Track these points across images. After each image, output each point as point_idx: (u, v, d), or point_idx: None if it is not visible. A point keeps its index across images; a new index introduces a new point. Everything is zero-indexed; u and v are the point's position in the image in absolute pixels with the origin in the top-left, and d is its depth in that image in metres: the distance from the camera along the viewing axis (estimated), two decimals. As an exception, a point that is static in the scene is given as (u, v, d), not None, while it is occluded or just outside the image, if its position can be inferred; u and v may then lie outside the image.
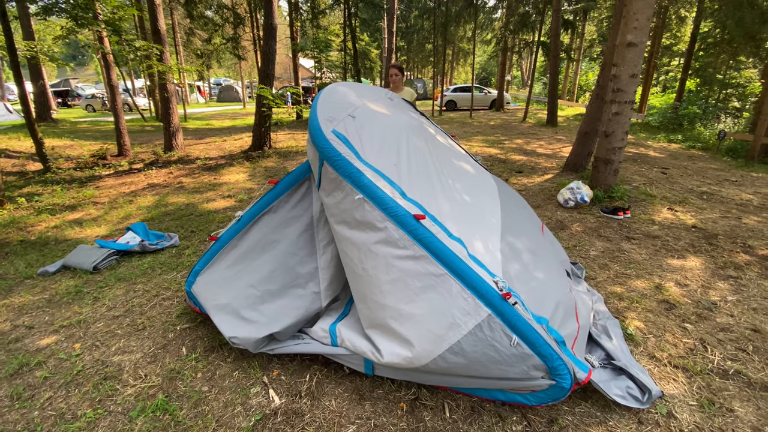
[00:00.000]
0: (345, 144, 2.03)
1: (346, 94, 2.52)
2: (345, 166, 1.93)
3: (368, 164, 1.99)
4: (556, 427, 1.79)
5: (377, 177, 1.95)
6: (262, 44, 7.12)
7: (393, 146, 2.25)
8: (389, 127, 2.45)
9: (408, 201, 1.93)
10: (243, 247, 2.31)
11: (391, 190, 1.93)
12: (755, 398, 1.94)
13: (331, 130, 2.06)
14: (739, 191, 5.73)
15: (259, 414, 1.88)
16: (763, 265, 3.35)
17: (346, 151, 1.98)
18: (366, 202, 1.88)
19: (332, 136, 2.03)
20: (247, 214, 2.35)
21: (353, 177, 1.91)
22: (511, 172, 6.45)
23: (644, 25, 4.13)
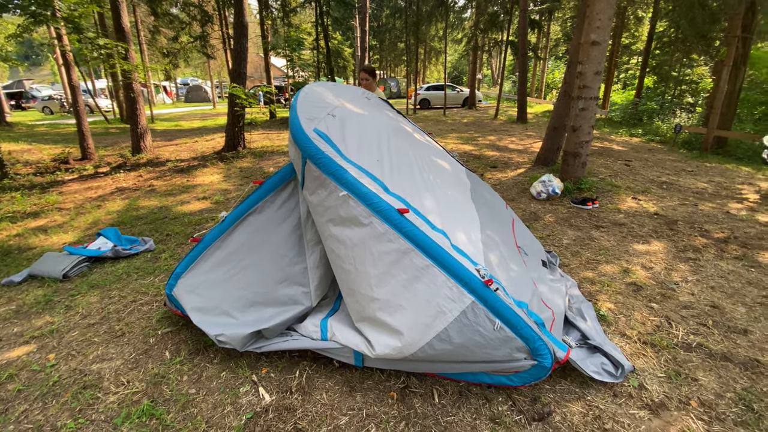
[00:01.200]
0: (327, 142, 2.06)
1: (323, 94, 2.54)
2: (328, 163, 1.95)
3: (351, 161, 2.03)
4: (539, 405, 1.88)
5: (360, 174, 1.98)
6: (233, 43, 6.98)
7: (374, 143, 2.31)
8: (369, 125, 2.51)
9: (391, 196, 1.97)
10: (228, 248, 2.29)
11: (374, 186, 1.97)
12: (716, 368, 2.11)
13: (313, 129, 2.09)
14: (695, 180, 6.13)
15: (250, 412, 1.87)
16: (719, 247, 3.62)
17: (328, 149, 2.01)
18: (351, 198, 1.91)
19: (314, 134, 2.05)
20: (232, 215, 2.33)
21: (337, 174, 1.94)
22: (485, 167, 6.63)
23: (606, 24, 4.35)
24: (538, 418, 1.82)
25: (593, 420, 1.80)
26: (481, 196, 2.90)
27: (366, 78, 4.12)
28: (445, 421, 1.81)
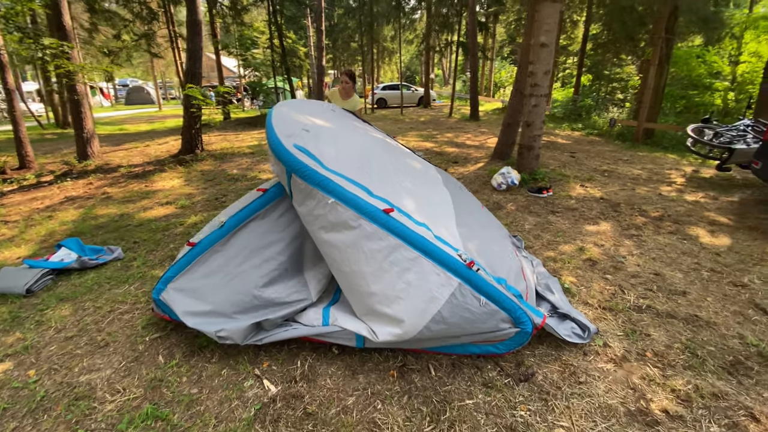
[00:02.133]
0: (308, 155, 2.19)
1: (291, 113, 2.68)
2: (313, 175, 2.08)
3: (333, 171, 2.17)
4: (523, 368, 2.11)
5: (344, 181, 2.13)
6: (187, 42, 6.72)
7: (350, 152, 2.49)
8: (341, 135, 2.72)
9: (376, 198, 2.14)
10: (228, 252, 2.30)
11: (359, 191, 2.12)
12: (664, 324, 2.47)
13: (293, 144, 2.22)
14: (631, 168, 6.85)
15: (258, 404, 1.93)
16: (656, 225, 4.13)
17: (310, 162, 2.14)
18: (338, 204, 2.05)
19: (295, 150, 2.18)
20: (233, 220, 2.34)
21: (322, 184, 2.07)
22: (447, 162, 6.94)
23: (553, 27, 4.78)
24: (524, 379, 2.04)
25: (569, 376, 2.06)
26: (453, 188, 3.14)
27: (347, 81, 4.22)
28: (443, 391, 1.98)
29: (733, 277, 3.05)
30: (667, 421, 1.78)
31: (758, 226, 4.04)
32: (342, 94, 4.28)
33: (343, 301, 2.33)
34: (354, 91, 4.35)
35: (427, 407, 1.89)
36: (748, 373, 2.06)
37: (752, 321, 2.50)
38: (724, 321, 2.50)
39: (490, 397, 1.95)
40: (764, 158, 4.69)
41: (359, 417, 1.84)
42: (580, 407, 1.87)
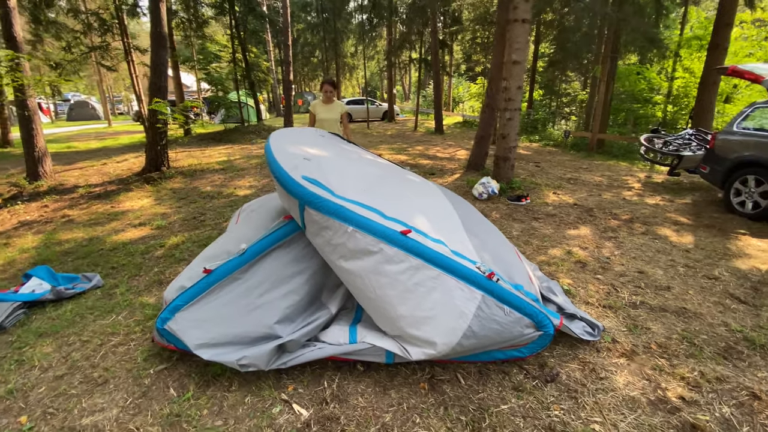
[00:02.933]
0: (318, 186, 2.19)
1: (284, 146, 2.66)
2: (327, 205, 2.07)
3: (345, 198, 2.18)
4: (547, 369, 2.19)
5: (357, 207, 2.13)
6: (152, 54, 6.40)
7: (354, 176, 2.53)
8: (340, 161, 2.76)
9: (390, 220, 2.15)
10: (250, 281, 2.19)
11: (373, 215, 2.13)
12: (659, 317, 2.67)
13: (301, 176, 2.21)
14: (592, 175, 7.39)
15: (292, 430, 1.83)
16: (628, 227, 4.48)
17: (322, 192, 2.13)
18: (357, 232, 2.03)
19: (304, 182, 2.17)
20: (256, 247, 2.25)
21: (338, 213, 2.05)
22: (426, 174, 7.10)
23: (524, 46, 5.11)
24: (551, 379, 2.12)
25: (590, 373, 2.16)
26: (454, 200, 3.23)
27: (330, 90, 4.35)
28: (477, 399, 2.00)
29: (705, 270, 3.37)
30: (685, 407, 1.91)
31: (714, 224, 4.50)
32: (325, 101, 4.45)
33: (367, 318, 2.29)
34: (335, 98, 4.52)
35: (466, 416, 1.90)
36: (741, 357, 2.27)
37: (731, 309, 2.77)
38: (708, 311, 2.75)
39: (522, 400, 1.99)
40: (711, 163, 5.27)
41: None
42: (607, 402, 1.96)
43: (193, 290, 2.17)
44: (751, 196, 4.67)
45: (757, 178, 4.59)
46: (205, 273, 2.20)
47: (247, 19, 11.32)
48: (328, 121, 4.51)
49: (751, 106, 5.03)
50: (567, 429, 1.81)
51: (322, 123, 4.52)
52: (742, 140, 4.82)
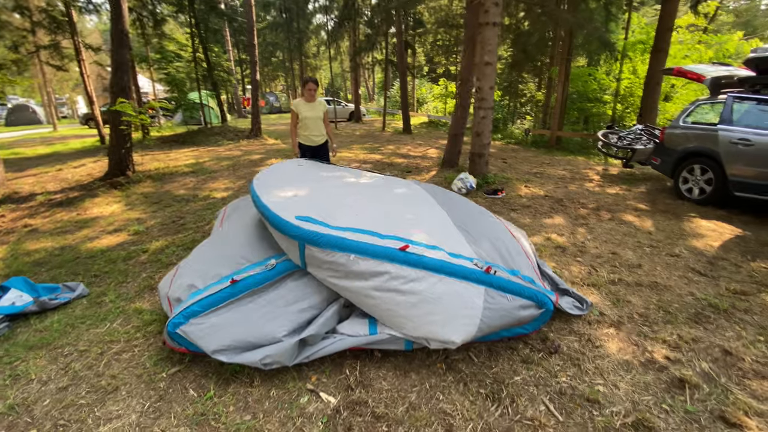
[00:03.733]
0: (312, 222, 2.29)
1: (269, 190, 2.76)
2: (326, 239, 2.16)
3: (340, 227, 2.29)
4: (549, 342, 2.38)
5: (353, 234, 2.24)
6: (113, 53, 6.04)
7: (344, 202, 2.70)
8: (326, 191, 2.94)
9: (387, 239, 2.26)
10: (272, 294, 2.24)
11: (370, 237, 2.24)
12: (636, 291, 2.97)
13: (295, 216, 2.31)
14: (555, 170, 7.88)
15: (324, 417, 1.88)
16: (596, 214, 4.87)
17: (318, 228, 2.23)
18: (359, 258, 2.13)
19: (298, 221, 2.26)
20: (283, 266, 2.31)
21: (338, 245, 2.15)
22: (403, 173, 7.25)
23: (494, 48, 5.40)
24: (554, 351, 2.31)
25: (586, 343, 2.38)
26: (441, 197, 3.40)
27: (314, 88, 4.39)
28: (491, 373, 2.15)
29: (668, 249, 3.76)
30: (671, 365, 2.17)
31: (668, 209, 5.00)
32: (308, 99, 4.46)
33: None
34: (316, 96, 4.56)
35: (485, 389, 2.04)
36: (709, 320, 2.59)
37: (694, 281, 3.13)
38: (676, 284, 3.09)
39: (532, 371, 2.16)
40: (661, 155, 5.83)
41: (428, 410, 1.92)
42: (605, 366, 2.18)
43: (213, 298, 2.16)
44: (697, 184, 5.23)
45: (702, 167, 5.15)
46: (232, 283, 2.20)
47: (208, 18, 10.91)
48: (311, 119, 4.51)
49: (694, 103, 5.63)
50: (576, 392, 2.00)
51: (306, 121, 4.52)
52: (687, 133, 5.38)
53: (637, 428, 1.78)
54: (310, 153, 4.65)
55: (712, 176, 4.99)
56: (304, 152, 4.66)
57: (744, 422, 1.78)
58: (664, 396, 1.97)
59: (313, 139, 4.59)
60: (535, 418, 1.85)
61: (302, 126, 4.55)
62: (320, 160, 4.69)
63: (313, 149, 4.65)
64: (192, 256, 2.93)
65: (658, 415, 1.85)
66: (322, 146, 4.69)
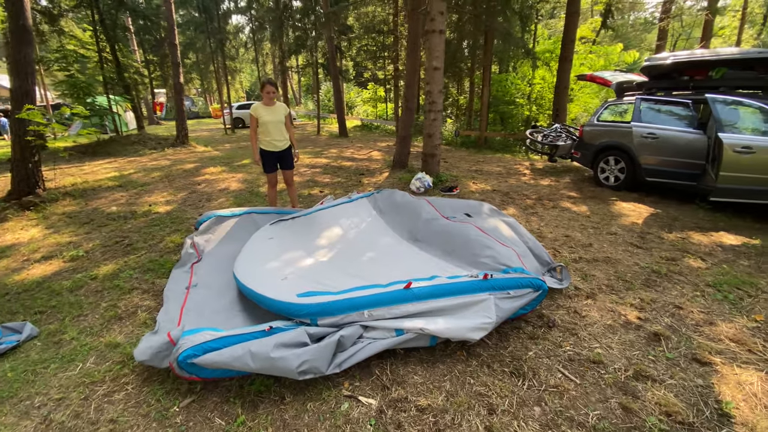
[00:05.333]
0: (316, 295, 2.41)
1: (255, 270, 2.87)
2: (337, 308, 2.25)
3: (343, 291, 2.44)
4: (545, 318, 2.65)
5: (358, 292, 2.38)
6: (13, 53, 5.09)
7: (336, 265, 3.00)
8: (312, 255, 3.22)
9: (389, 285, 2.44)
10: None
11: (374, 290, 2.38)
12: (596, 266, 3.43)
13: (296, 295, 2.42)
14: (491, 167, 8.58)
15: (371, 419, 1.88)
16: (540, 204, 5.45)
17: (324, 298, 2.33)
18: (373, 311, 2.25)
19: (302, 299, 2.36)
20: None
21: (349, 307, 2.25)
22: (356, 175, 7.28)
23: (441, 54, 5.74)
24: (552, 325, 2.59)
25: (574, 314, 2.71)
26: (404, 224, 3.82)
27: (273, 91, 4.27)
28: (508, 353, 2.34)
29: (606, 229, 4.39)
30: (643, 323, 2.58)
31: (595, 195, 5.81)
32: (266, 103, 4.29)
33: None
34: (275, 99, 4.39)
35: (507, 368, 2.21)
36: (657, 284, 3.11)
37: (635, 253, 3.72)
38: (623, 257, 3.64)
39: (540, 345, 2.40)
40: (581, 149, 6.72)
41: (465, 394, 2.03)
42: (596, 332, 2.51)
43: (242, 337, 2.06)
44: (613, 172, 6.15)
45: (615, 158, 6.06)
46: (268, 330, 2.14)
47: (116, 13, 9.64)
48: (273, 123, 4.32)
49: (605, 103, 6.61)
50: (581, 357, 2.28)
51: (267, 126, 4.32)
52: (601, 130, 6.30)
53: (638, 378, 2.10)
54: (274, 158, 4.47)
55: (624, 166, 5.91)
56: (267, 158, 4.46)
57: (712, 360, 2.21)
58: (647, 349, 2.34)
59: (275, 144, 4.42)
60: (558, 385, 2.07)
61: (263, 131, 4.36)
62: (284, 164, 4.54)
63: (277, 154, 4.47)
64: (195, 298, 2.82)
65: (648, 365, 2.20)
66: (286, 151, 4.53)
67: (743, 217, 4.63)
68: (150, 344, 2.16)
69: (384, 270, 2.82)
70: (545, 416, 1.88)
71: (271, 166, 4.54)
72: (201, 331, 2.12)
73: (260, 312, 2.64)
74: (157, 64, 21.31)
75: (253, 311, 2.71)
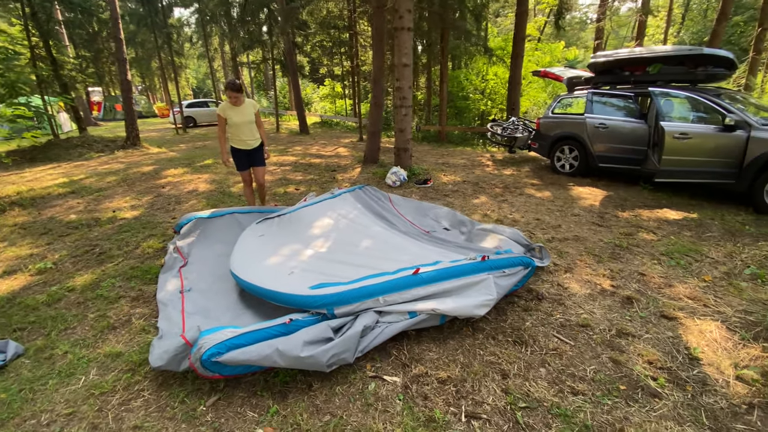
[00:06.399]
0: (328, 286, 2.49)
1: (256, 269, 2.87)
2: (353, 297, 2.34)
3: (354, 280, 2.55)
4: (534, 293, 2.92)
5: (370, 280, 2.48)
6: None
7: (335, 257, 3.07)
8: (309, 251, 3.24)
9: (398, 272, 2.56)
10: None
11: (383, 278, 2.49)
12: (567, 244, 3.78)
13: (308, 287, 2.50)
14: (455, 159, 8.94)
15: (399, 395, 2.01)
16: (508, 191, 5.82)
17: (338, 289, 2.41)
18: (387, 296, 2.36)
19: (316, 291, 2.43)
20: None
21: (364, 295, 2.35)
22: (329, 172, 7.28)
23: (410, 51, 5.91)
24: (541, 298, 2.86)
25: (558, 287, 3.01)
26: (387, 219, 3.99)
27: (236, 96, 4.17)
28: (508, 325, 2.56)
29: (569, 211, 4.82)
30: (616, 289, 2.93)
31: (554, 182, 6.30)
32: (234, 103, 4.22)
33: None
34: (244, 99, 4.34)
35: (510, 338, 2.43)
36: (621, 256, 3.51)
37: (598, 231, 4.14)
38: (588, 235, 4.04)
39: (534, 316, 2.65)
40: (539, 140, 7.23)
41: (478, 364, 2.21)
42: (579, 300, 2.81)
43: (264, 332, 2.09)
44: (568, 160, 6.70)
45: (569, 147, 6.61)
46: (288, 322, 2.17)
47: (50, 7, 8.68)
48: (243, 124, 4.24)
49: (558, 98, 7.16)
50: (571, 323, 2.56)
51: (238, 127, 4.24)
52: (556, 122, 6.83)
53: (620, 336, 2.41)
54: (245, 156, 4.40)
55: (578, 154, 6.46)
56: (238, 156, 4.40)
57: (676, 315, 2.57)
58: (623, 311, 2.67)
59: (248, 142, 4.36)
60: (556, 348, 2.32)
61: (234, 132, 4.29)
62: (256, 161, 4.51)
63: (248, 152, 4.41)
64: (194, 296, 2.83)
65: (627, 324, 2.52)
66: (257, 149, 4.46)
67: (681, 195, 5.29)
68: (165, 349, 2.12)
69: (390, 258, 2.94)
70: (551, 375, 2.12)
71: (243, 164, 4.48)
72: (221, 329, 2.11)
73: (267, 307, 2.66)
74: (90, 60, 19.55)
75: (259, 307, 2.73)
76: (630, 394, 1.97)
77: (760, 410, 1.81)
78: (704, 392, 1.96)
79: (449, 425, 1.82)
